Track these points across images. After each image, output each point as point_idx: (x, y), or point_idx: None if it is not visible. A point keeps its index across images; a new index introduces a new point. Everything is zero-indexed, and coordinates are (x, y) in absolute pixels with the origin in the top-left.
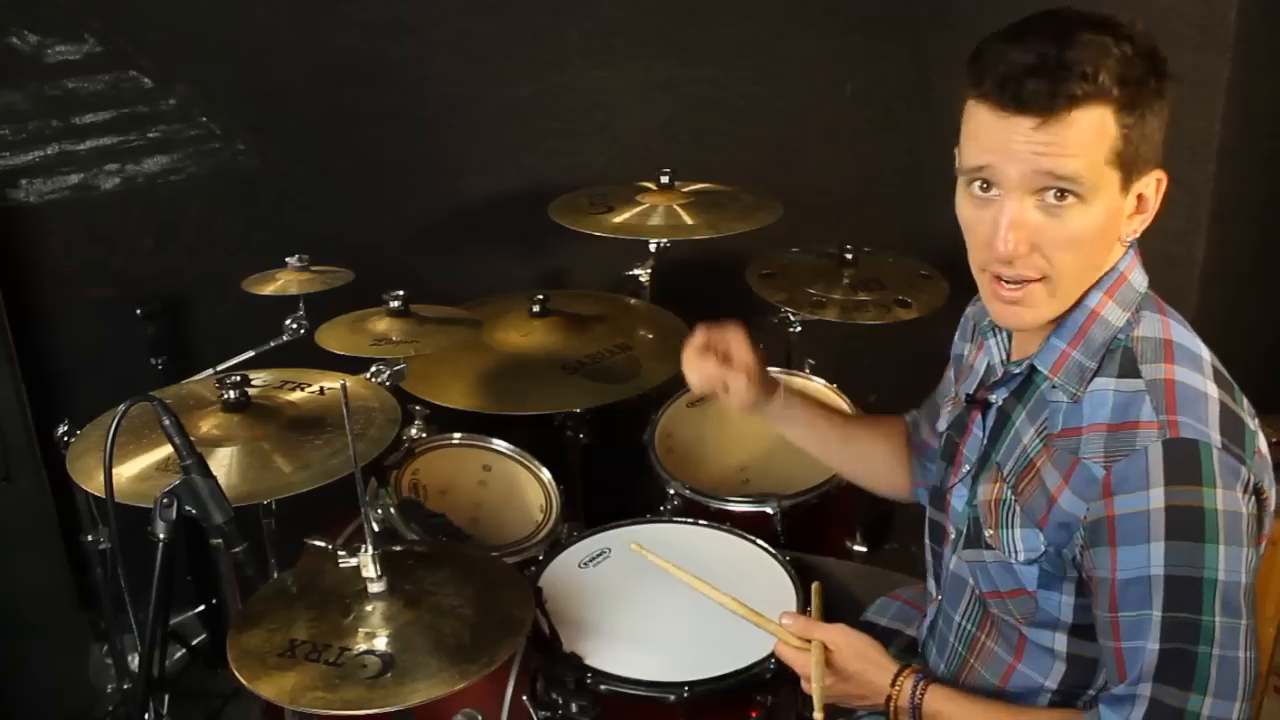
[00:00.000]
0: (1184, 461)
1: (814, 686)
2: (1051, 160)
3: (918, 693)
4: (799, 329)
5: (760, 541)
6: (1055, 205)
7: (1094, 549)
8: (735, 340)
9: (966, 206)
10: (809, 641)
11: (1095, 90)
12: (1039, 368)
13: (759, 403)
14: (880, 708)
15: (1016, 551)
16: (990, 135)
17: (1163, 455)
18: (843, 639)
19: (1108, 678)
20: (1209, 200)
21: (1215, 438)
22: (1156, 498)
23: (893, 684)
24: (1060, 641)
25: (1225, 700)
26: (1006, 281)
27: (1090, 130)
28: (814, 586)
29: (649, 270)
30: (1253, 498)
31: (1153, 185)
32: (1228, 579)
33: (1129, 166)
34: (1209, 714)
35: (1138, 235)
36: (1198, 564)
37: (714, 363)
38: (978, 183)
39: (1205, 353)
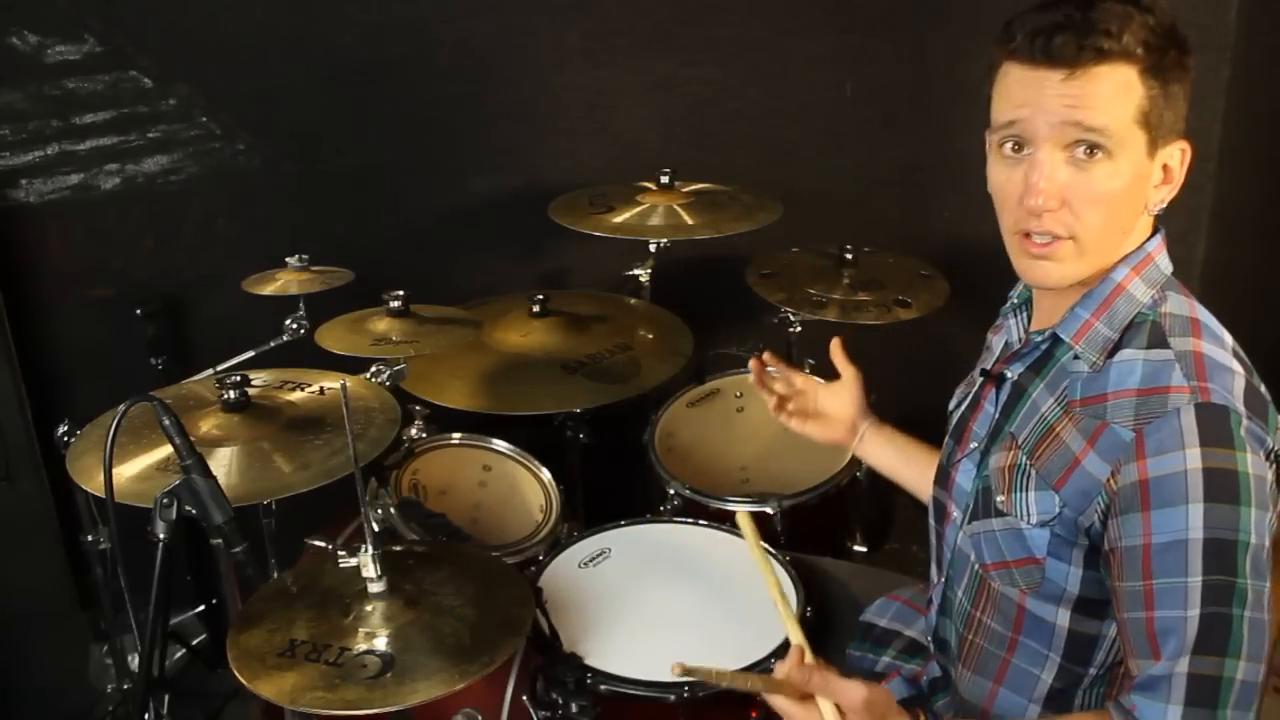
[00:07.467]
0: (1217, 425)
1: None
2: (1080, 112)
3: None
4: (799, 329)
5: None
6: (1084, 161)
7: (1124, 516)
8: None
9: (998, 170)
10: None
11: (1120, 49)
12: (1062, 336)
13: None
14: None
15: (1029, 514)
16: (1021, 90)
17: (1195, 418)
18: (861, 701)
19: (1137, 657)
20: (1209, 200)
21: (1241, 407)
22: (1193, 459)
23: None
24: (1063, 616)
25: (1254, 663)
26: (1036, 237)
27: (1116, 86)
28: (740, 517)
29: (649, 270)
30: (1274, 465)
31: (1177, 156)
32: (1256, 541)
33: (1155, 130)
34: (1243, 678)
35: (1164, 205)
36: (1233, 526)
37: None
38: (1010, 143)
39: (1228, 336)
